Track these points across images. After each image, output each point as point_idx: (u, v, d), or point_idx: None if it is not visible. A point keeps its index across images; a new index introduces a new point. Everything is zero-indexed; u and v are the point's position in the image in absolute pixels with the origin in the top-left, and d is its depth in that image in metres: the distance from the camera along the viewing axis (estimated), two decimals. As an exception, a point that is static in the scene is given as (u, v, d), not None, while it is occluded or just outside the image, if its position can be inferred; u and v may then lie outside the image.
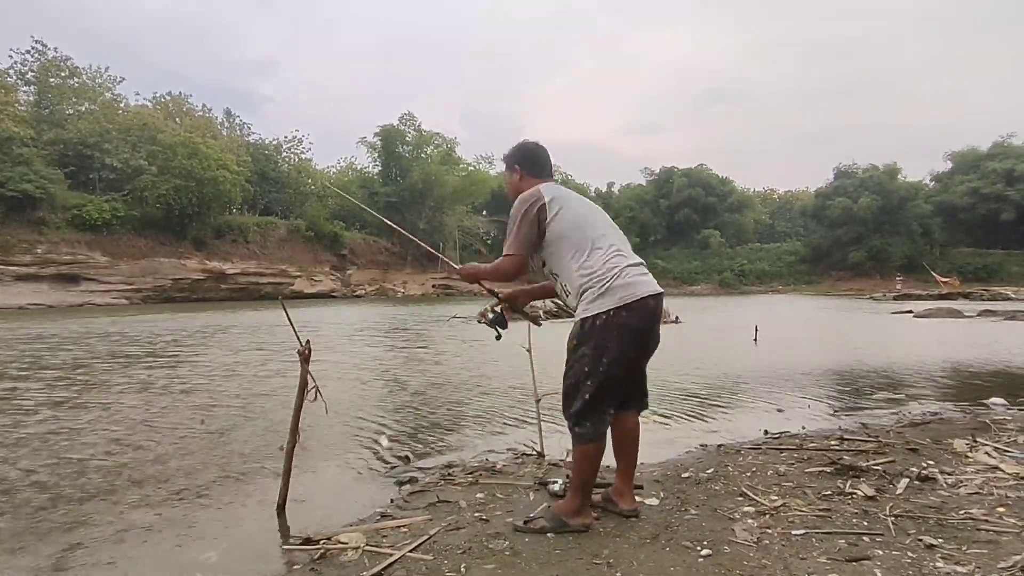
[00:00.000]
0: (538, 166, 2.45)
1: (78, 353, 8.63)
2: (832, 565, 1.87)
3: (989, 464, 2.90)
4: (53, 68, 34.87)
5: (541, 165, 2.45)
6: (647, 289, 2.16)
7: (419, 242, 3.27)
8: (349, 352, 8.89)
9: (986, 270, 45.33)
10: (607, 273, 2.13)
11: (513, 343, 3.13)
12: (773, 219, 71.19)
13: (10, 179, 26.67)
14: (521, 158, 2.47)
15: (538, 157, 2.47)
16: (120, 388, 5.76)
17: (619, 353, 2.12)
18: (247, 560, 2.17)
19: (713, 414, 4.71)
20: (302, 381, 2.48)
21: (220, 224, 35.43)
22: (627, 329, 2.12)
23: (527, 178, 2.41)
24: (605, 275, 2.13)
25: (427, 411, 4.79)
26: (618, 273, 2.13)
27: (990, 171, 47.55)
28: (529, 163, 2.45)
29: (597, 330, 2.12)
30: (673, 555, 1.97)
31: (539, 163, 2.45)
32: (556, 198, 2.24)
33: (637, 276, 2.17)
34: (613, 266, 2.14)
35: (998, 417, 4.13)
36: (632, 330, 2.13)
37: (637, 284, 2.14)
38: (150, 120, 34.65)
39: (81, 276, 28.24)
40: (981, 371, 6.78)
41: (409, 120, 47.46)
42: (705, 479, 2.80)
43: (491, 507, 2.49)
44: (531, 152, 2.48)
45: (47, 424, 4.32)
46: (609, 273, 2.13)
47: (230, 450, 3.65)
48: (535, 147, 2.49)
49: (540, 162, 2.46)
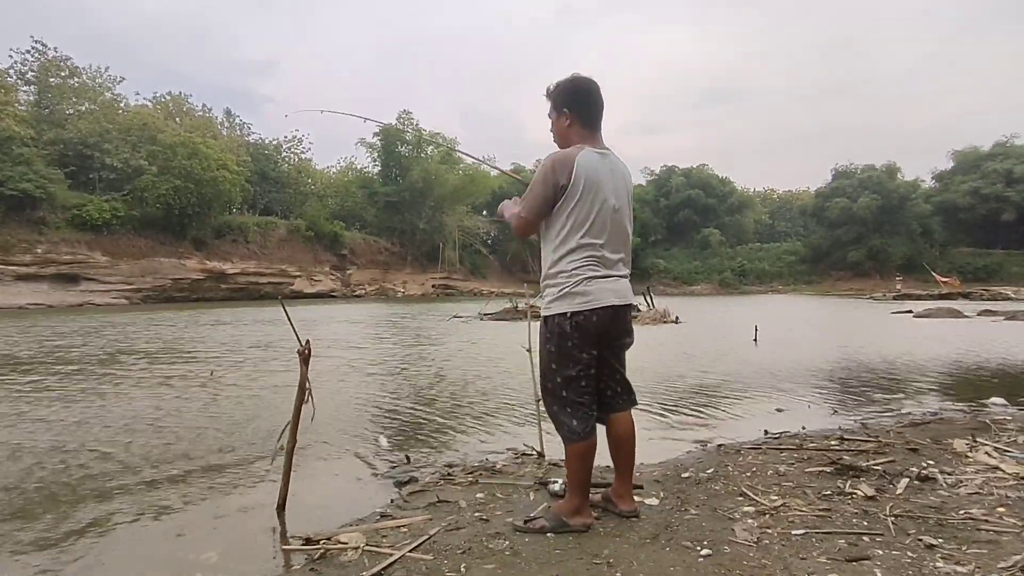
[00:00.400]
0: (593, 112, 2.17)
1: (86, 349, 8.64)
2: (832, 565, 1.87)
3: (989, 464, 2.90)
4: (53, 68, 34.85)
5: (595, 111, 2.18)
6: (609, 300, 2.14)
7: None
8: (349, 352, 8.89)
9: (986, 270, 45.33)
10: (570, 278, 2.14)
11: (513, 343, 3.13)
12: (773, 219, 71.19)
13: (10, 179, 26.66)
14: (573, 98, 2.16)
15: (594, 101, 2.16)
16: (120, 386, 5.76)
17: (579, 353, 2.14)
18: (247, 560, 2.17)
19: (713, 414, 4.71)
20: (302, 381, 2.48)
21: (220, 224, 35.43)
22: (584, 331, 2.13)
23: (577, 127, 2.16)
24: (568, 279, 2.14)
25: (427, 411, 4.79)
26: (580, 281, 2.13)
27: (990, 171, 47.56)
28: (584, 107, 2.15)
29: (557, 330, 2.15)
30: (673, 555, 1.97)
31: (594, 108, 2.17)
32: (588, 175, 2.08)
33: (600, 285, 2.14)
34: (580, 274, 2.13)
35: (998, 417, 4.13)
36: (589, 333, 2.14)
37: (598, 292, 2.13)
38: (150, 120, 34.65)
39: (81, 276, 28.25)
40: (981, 371, 6.78)
41: (407, 119, 47.45)
42: (705, 479, 2.80)
43: (491, 507, 2.49)
44: (586, 92, 2.16)
45: (47, 422, 4.32)
46: (572, 279, 2.14)
47: (230, 450, 3.65)
48: (589, 86, 2.16)
49: (595, 107, 2.17)
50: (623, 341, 2.29)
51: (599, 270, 2.16)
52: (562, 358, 2.16)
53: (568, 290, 2.13)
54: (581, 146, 2.14)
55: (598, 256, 2.16)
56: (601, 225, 2.15)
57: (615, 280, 2.20)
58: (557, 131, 2.25)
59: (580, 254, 2.14)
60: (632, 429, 2.33)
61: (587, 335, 2.14)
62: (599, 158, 2.15)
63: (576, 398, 2.17)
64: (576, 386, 2.17)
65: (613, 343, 2.25)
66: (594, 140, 2.20)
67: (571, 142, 2.19)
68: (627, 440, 2.31)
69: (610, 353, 2.26)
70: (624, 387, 2.34)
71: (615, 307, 2.16)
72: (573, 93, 2.19)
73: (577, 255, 2.14)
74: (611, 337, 2.22)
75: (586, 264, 2.14)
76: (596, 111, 2.20)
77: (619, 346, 2.29)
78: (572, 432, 2.16)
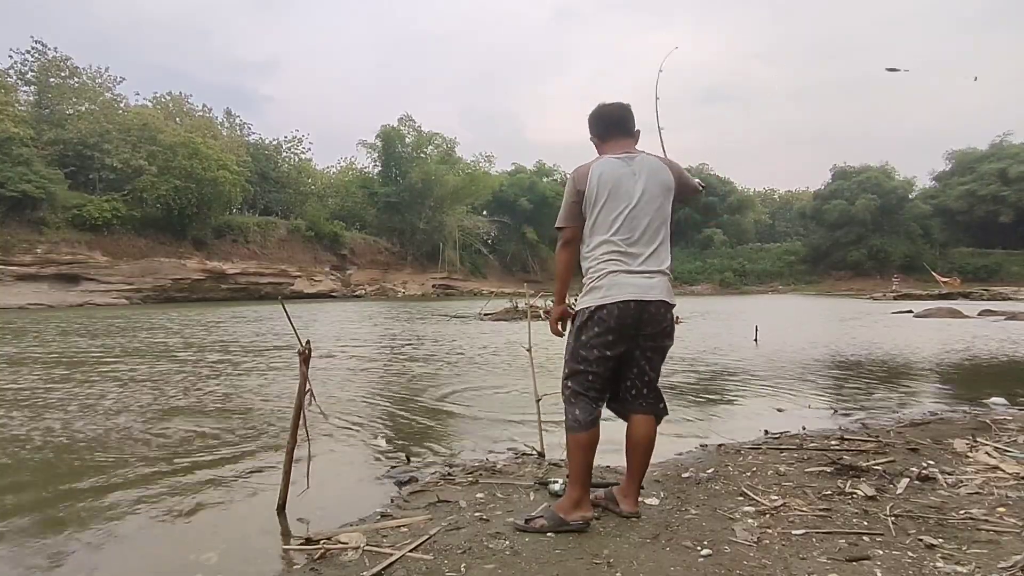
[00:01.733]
0: (609, 127, 2.38)
1: (82, 345, 8.64)
2: (832, 565, 1.87)
3: (989, 464, 2.89)
4: (53, 68, 34.88)
5: (609, 127, 2.39)
6: (629, 294, 2.17)
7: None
8: (349, 352, 8.89)
9: (986, 270, 45.37)
10: (595, 273, 2.23)
11: (513, 343, 3.13)
12: (773, 219, 71.24)
13: (10, 179, 26.69)
14: (592, 123, 2.43)
15: (606, 118, 2.40)
16: (120, 382, 5.76)
17: (593, 348, 2.20)
18: (247, 560, 2.17)
19: (713, 414, 4.71)
20: (302, 381, 2.48)
21: (220, 224, 35.46)
22: (604, 325, 2.18)
23: (600, 144, 2.41)
24: (593, 274, 2.23)
25: (427, 411, 4.79)
26: (603, 275, 2.20)
27: (985, 172, 47.52)
28: (600, 126, 2.41)
29: (578, 323, 2.26)
30: (673, 555, 1.97)
31: (607, 125, 2.39)
32: (605, 179, 2.22)
33: (622, 280, 2.18)
34: (603, 270, 2.21)
35: (998, 417, 4.13)
36: (611, 328, 2.17)
37: (620, 287, 2.17)
38: (150, 120, 34.65)
39: (81, 276, 28.28)
40: (981, 371, 6.78)
41: (408, 122, 47.53)
42: (705, 479, 2.80)
43: (491, 507, 2.49)
44: (596, 118, 2.42)
45: (46, 422, 4.32)
46: (596, 274, 2.22)
47: (230, 450, 3.65)
48: (602, 109, 2.42)
49: (607, 123, 2.39)
50: (660, 343, 2.28)
51: (622, 266, 2.20)
52: (576, 350, 2.25)
53: (592, 285, 2.23)
54: (600, 156, 2.34)
55: (622, 252, 2.21)
56: (626, 224, 2.21)
57: (642, 276, 2.20)
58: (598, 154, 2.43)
59: (603, 250, 2.22)
60: (651, 434, 2.31)
61: (607, 329, 2.17)
62: (619, 163, 2.27)
63: (581, 390, 2.24)
64: (583, 379, 2.24)
65: (645, 342, 2.24)
66: (617, 148, 2.33)
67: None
68: (643, 443, 2.30)
69: (641, 354, 2.26)
70: (651, 391, 2.31)
71: (640, 302, 2.17)
72: (591, 121, 2.44)
73: (601, 252, 2.22)
74: (643, 335, 2.22)
75: (609, 260, 2.21)
76: (609, 126, 2.39)
77: (653, 348, 2.27)
78: (574, 421, 2.23)
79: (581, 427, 2.21)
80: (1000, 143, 50.20)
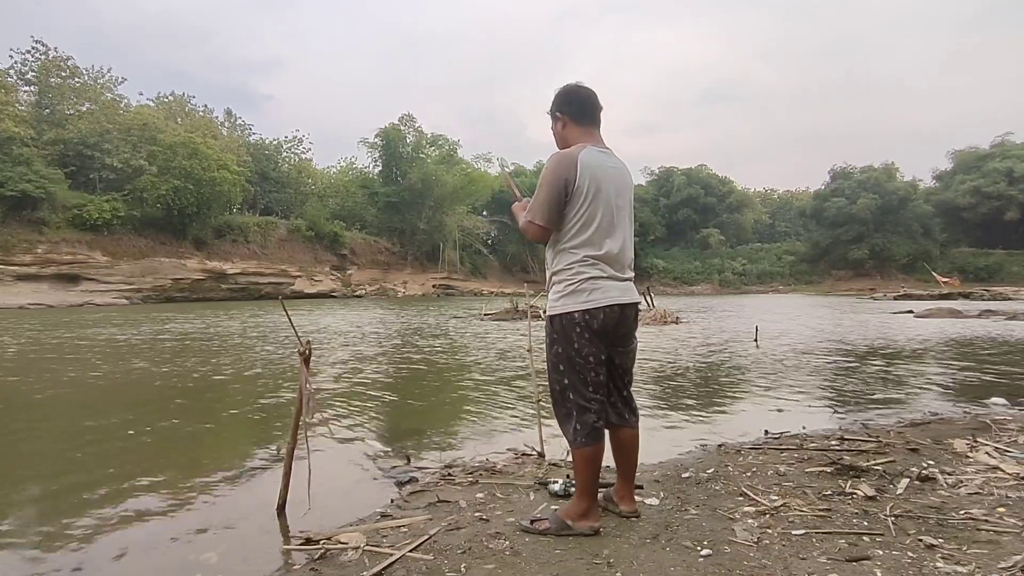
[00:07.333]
0: (585, 111, 2.20)
1: (82, 344, 8.64)
2: (832, 565, 1.87)
3: (989, 464, 2.89)
4: (53, 68, 34.88)
5: (588, 110, 2.21)
6: (616, 298, 2.11)
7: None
8: (349, 352, 8.89)
9: (987, 270, 45.35)
10: (576, 275, 2.11)
11: (514, 343, 3.13)
12: (773, 219, 71.22)
13: (10, 179, 26.70)
14: (564, 101, 2.22)
15: (584, 100, 2.21)
16: (119, 383, 5.77)
17: (587, 355, 2.10)
18: (247, 560, 2.17)
19: (713, 414, 4.71)
20: (302, 382, 2.48)
21: (220, 224, 35.45)
22: (591, 330, 2.09)
23: (571, 126, 2.21)
24: (575, 276, 2.11)
25: (427, 411, 4.79)
26: (588, 279, 2.10)
27: (991, 170, 47.58)
28: (575, 108, 2.21)
29: (563, 330, 2.12)
30: (673, 555, 1.97)
31: (586, 107, 2.21)
32: (592, 172, 2.07)
33: (607, 283, 2.12)
34: (586, 272, 2.11)
35: (998, 417, 4.12)
36: (597, 332, 2.10)
37: (605, 290, 2.10)
38: (150, 120, 34.68)
39: (81, 276, 28.28)
40: (981, 371, 6.77)
41: (409, 121, 47.49)
42: (705, 479, 2.80)
43: (491, 507, 2.49)
44: (575, 95, 2.22)
45: (45, 421, 4.32)
46: (578, 276, 2.11)
47: (230, 450, 3.65)
48: (578, 89, 2.23)
49: (586, 106, 2.21)
50: (628, 346, 2.24)
51: (607, 269, 2.13)
52: (570, 360, 2.11)
53: (575, 287, 2.10)
54: (583, 144, 2.14)
55: (605, 254, 2.13)
56: (607, 223, 2.12)
57: (621, 280, 2.17)
58: (556, 136, 2.27)
59: (587, 251, 2.11)
60: (636, 439, 2.30)
61: (595, 334, 2.10)
62: (602, 156, 2.15)
63: (584, 402, 2.11)
64: (584, 390, 2.11)
65: (619, 346, 2.20)
66: (594, 139, 2.20)
67: (570, 143, 2.19)
68: (628, 446, 2.29)
69: (618, 358, 2.22)
70: (625, 403, 2.27)
71: (621, 305, 2.13)
72: (564, 96, 2.24)
73: (584, 252, 2.11)
74: (618, 338, 2.17)
75: (594, 263, 2.12)
76: (589, 109, 2.22)
77: (624, 352, 2.23)
78: (580, 436, 2.11)
79: (589, 441, 2.10)
80: (1001, 143, 50.22)
